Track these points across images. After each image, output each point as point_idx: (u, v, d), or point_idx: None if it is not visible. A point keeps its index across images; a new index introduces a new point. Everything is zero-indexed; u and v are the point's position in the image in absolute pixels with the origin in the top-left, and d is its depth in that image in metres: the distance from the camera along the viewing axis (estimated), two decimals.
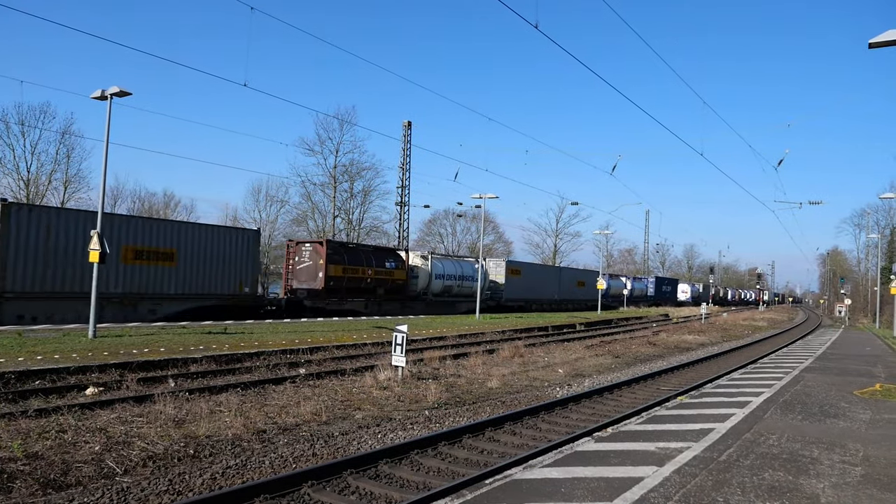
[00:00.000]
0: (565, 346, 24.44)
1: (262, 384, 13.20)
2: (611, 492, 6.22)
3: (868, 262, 79.49)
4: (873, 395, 13.49)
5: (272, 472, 7.88)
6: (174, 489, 7.09)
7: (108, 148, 18.62)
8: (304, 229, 59.45)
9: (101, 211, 18.87)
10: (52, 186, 49.85)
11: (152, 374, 13.46)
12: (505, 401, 13.33)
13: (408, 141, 56.52)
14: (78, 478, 7.23)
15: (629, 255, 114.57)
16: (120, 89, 18.22)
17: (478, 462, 8.73)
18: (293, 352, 17.60)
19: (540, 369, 18.12)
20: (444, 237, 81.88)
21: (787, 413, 10.95)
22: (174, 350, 16.10)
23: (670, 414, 10.79)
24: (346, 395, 12.59)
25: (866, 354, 24.54)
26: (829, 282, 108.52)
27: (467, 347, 21.59)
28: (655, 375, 18.10)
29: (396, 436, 9.90)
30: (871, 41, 13.04)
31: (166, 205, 62.91)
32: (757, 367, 19.67)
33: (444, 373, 15.89)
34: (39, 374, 12.43)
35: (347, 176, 60.00)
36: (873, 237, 63.95)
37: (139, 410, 10.20)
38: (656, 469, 7.07)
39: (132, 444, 8.43)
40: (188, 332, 20.65)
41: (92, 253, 17.92)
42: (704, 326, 42.46)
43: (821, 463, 7.64)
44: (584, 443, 8.71)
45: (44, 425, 8.94)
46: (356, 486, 7.45)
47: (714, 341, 33.12)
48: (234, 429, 9.48)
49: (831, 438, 9.07)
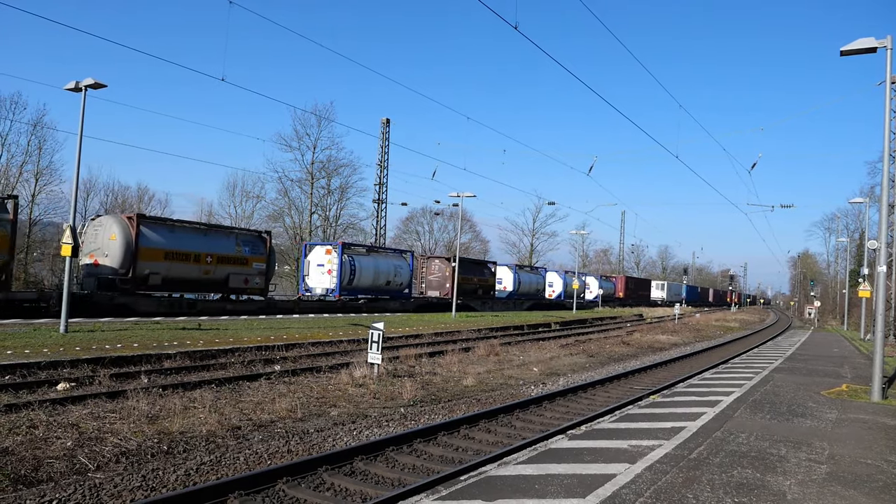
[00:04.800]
0: (540, 345, 24.61)
1: (236, 381, 13.13)
2: (584, 488, 6.31)
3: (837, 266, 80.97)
4: (840, 395, 13.80)
5: (247, 468, 7.86)
6: (148, 485, 7.04)
7: (81, 140, 18.34)
8: (281, 225, 59.03)
9: (74, 203, 18.59)
10: (23, 178, 48.84)
11: (125, 370, 13.31)
12: (480, 399, 13.41)
13: (386, 138, 56.36)
14: (49, 473, 7.15)
15: (605, 255, 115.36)
16: (94, 81, 17.98)
17: (453, 459, 8.79)
18: (268, 348, 17.50)
19: (515, 368, 18.24)
20: (421, 235, 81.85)
21: (756, 412, 11.17)
22: (147, 346, 15.93)
23: (643, 412, 10.95)
24: (322, 392, 12.57)
25: (834, 356, 25.06)
26: (799, 284, 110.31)
27: (443, 345, 21.63)
28: (629, 374, 18.32)
29: (372, 433, 9.93)
30: (842, 49, 13.29)
31: (140, 199, 61.83)
32: (728, 366, 20.00)
33: (420, 370, 15.93)
34: (9, 369, 12.23)
35: (325, 172, 59.61)
36: (843, 241, 65.17)
37: (112, 406, 10.09)
38: (628, 466, 7.18)
39: (105, 439, 8.35)
40: (162, 328, 20.43)
41: (64, 247, 17.65)
42: (678, 327, 42.98)
43: (788, 461, 7.83)
44: (557, 440, 8.82)
45: (14, 421, 8.82)
46: (331, 483, 7.47)
47: (687, 341, 33.57)
48: (209, 425, 9.42)
49: (798, 437, 9.28)
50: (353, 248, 40.54)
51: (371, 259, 40.05)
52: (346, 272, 37.02)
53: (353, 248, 40.80)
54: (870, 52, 13.20)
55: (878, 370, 13.53)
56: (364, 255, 39.85)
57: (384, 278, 40.33)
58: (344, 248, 37.90)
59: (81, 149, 18.37)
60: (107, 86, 18.22)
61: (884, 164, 14.47)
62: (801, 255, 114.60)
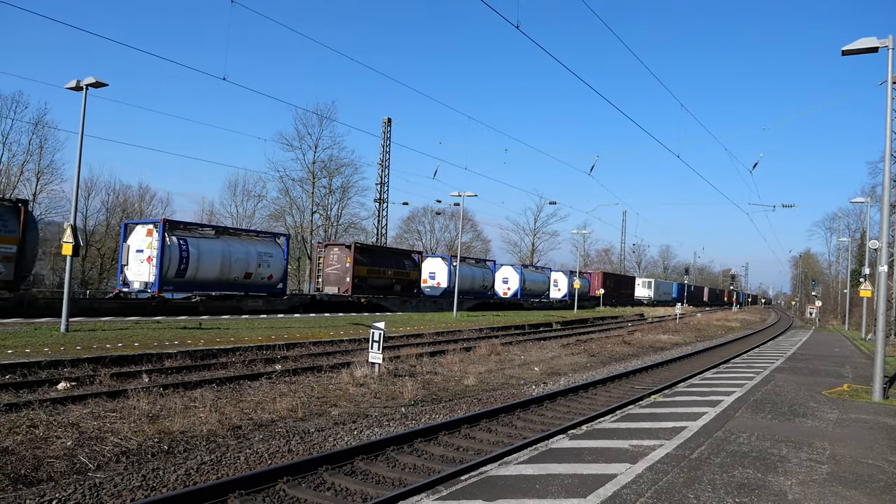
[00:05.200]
0: (541, 345, 24.60)
1: (237, 380, 13.13)
2: (584, 488, 6.30)
3: (839, 265, 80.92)
4: (841, 395, 13.78)
5: (247, 468, 7.85)
6: (148, 485, 7.03)
7: (83, 139, 18.35)
8: (282, 224, 59.09)
9: (75, 202, 18.59)
10: (24, 177, 48.97)
11: (126, 369, 13.30)
12: (481, 398, 13.40)
13: (387, 138, 56.41)
14: (49, 473, 7.14)
15: (606, 255, 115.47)
16: (96, 80, 17.98)
17: (453, 459, 8.78)
18: (269, 348, 17.51)
19: (516, 367, 18.23)
20: (422, 234, 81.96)
21: (757, 412, 11.16)
22: (148, 345, 15.93)
23: (644, 412, 10.94)
24: (323, 391, 12.57)
25: (835, 355, 25.03)
26: (800, 284, 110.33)
27: (444, 345, 21.62)
28: (630, 374, 18.31)
29: (373, 432, 9.92)
30: (843, 48, 13.27)
31: (141, 198, 61.94)
32: (729, 366, 19.99)
33: (421, 370, 15.92)
34: (10, 369, 12.23)
35: (326, 172, 59.78)
36: (844, 241, 65.20)
37: (112, 405, 10.09)
38: (629, 466, 7.17)
39: (105, 439, 8.34)
40: (163, 327, 20.43)
41: (65, 246, 17.65)
42: (679, 326, 42.96)
43: (789, 461, 7.81)
44: (558, 440, 8.81)
45: (14, 420, 8.81)
46: (332, 483, 7.46)
47: (688, 341, 33.54)
48: (209, 425, 9.42)
49: (799, 437, 9.26)
50: (191, 229, 30.75)
51: (219, 243, 30.66)
52: (172, 260, 27.65)
53: (191, 228, 31.02)
54: (871, 52, 13.19)
55: (880, 370, 13.51)
56: (207, 238, 30.56)
57: (240, 269, 31.03)
58: (170, 228, 28.29)
59: (82, 148, 18.38)
60: (108, 85, 18.23)
61: (885, 163, 14.45)
62: (803, 255, 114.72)
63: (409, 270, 44.21)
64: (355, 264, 37.84)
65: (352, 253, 38.17)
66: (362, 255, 39.48)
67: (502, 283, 58.49)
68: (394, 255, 44.54)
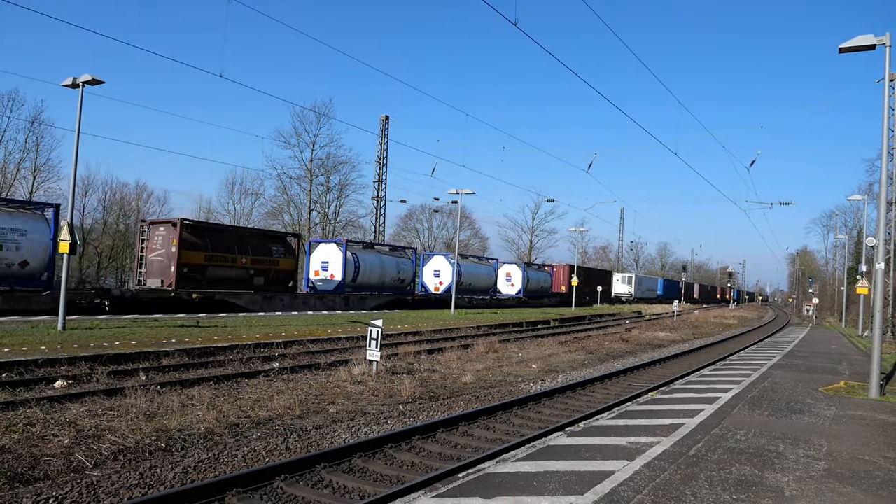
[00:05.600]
0: (539, 342, 24.62)
1: (235, 378, 13.11)
2: (582, 485, 6.31)
3: (836, 263, 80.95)
4: (838, 392, 13.82)
5: (245, 465, 7.84)
6: (145, 483, 7.03)
7: (79, 137, 18.32)
8: (280, 222, 59.04)
9: (72, 200, 18.56)
10: (21, 175, 48.88)
11: (123, 368, 13.28)
12: (479, 396, 13.41)
13: (385, 135, 56.32)
14: (46, 471, 7.13)
15: (604, 252, 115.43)
16: (92, 77, 17.94)
17: (451, 456, 8.78)
18: (267, 345, 17.50)
19: (514, 365, 18.24)
20: (420, 232, 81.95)
21: (754, 409, 11.18)
22: (146, 343, 15.91)
23: (641, 409, 10.95)
24: (320, 389, 12.56)
25: (832, 352, 25.08)
26: (797, 281, 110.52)
27: (442, 343, 21.62)
28: (627, 371, 18.32)
29: (370, 430, 9.91)
30: (841, 46, 13.27)
31: (138, 196, 61.90)
32: (726, 363, 20.02)
33: (419, 367, 15.92)
34: (6, 367, 12.21)
35: (324, 169, 59.76)
36: (841, 238, 65.20)
37: (110, 404, 10.07)
38: (627, 463, 7.18)
39: (102, 437, 8.33)
40: (160, 325, 20.41)
41: (62, 244, 17.61)
42: (676, 323, 43.02)
43: (786, 457, 7.83)
44: (556, 437, 8.82)
45: (11, 418, 8.80)
46: (330, 480, 7.46)
47: (685, 338, 33.58)
48: (207, 422, 9.41)
49: (796, 434, 9.28)
50: None
51: None
52: None
53: None
54: (868, 50, 13.18)
55: (876, 367, 13.55)
56: None
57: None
58: None
59: (79, 146, 18.35)
60: (104, 82, 18.19)
61: (882, 161, 14.46)
62: (800, 252, 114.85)
63: (279, 258, 32.79)
64: (184, 248, 27.96)
65: (177, 233, 27.77)
66: (197, 235, 29.21)
67: (433, 276, 48.63)
68: (253, 238, 32.90)
